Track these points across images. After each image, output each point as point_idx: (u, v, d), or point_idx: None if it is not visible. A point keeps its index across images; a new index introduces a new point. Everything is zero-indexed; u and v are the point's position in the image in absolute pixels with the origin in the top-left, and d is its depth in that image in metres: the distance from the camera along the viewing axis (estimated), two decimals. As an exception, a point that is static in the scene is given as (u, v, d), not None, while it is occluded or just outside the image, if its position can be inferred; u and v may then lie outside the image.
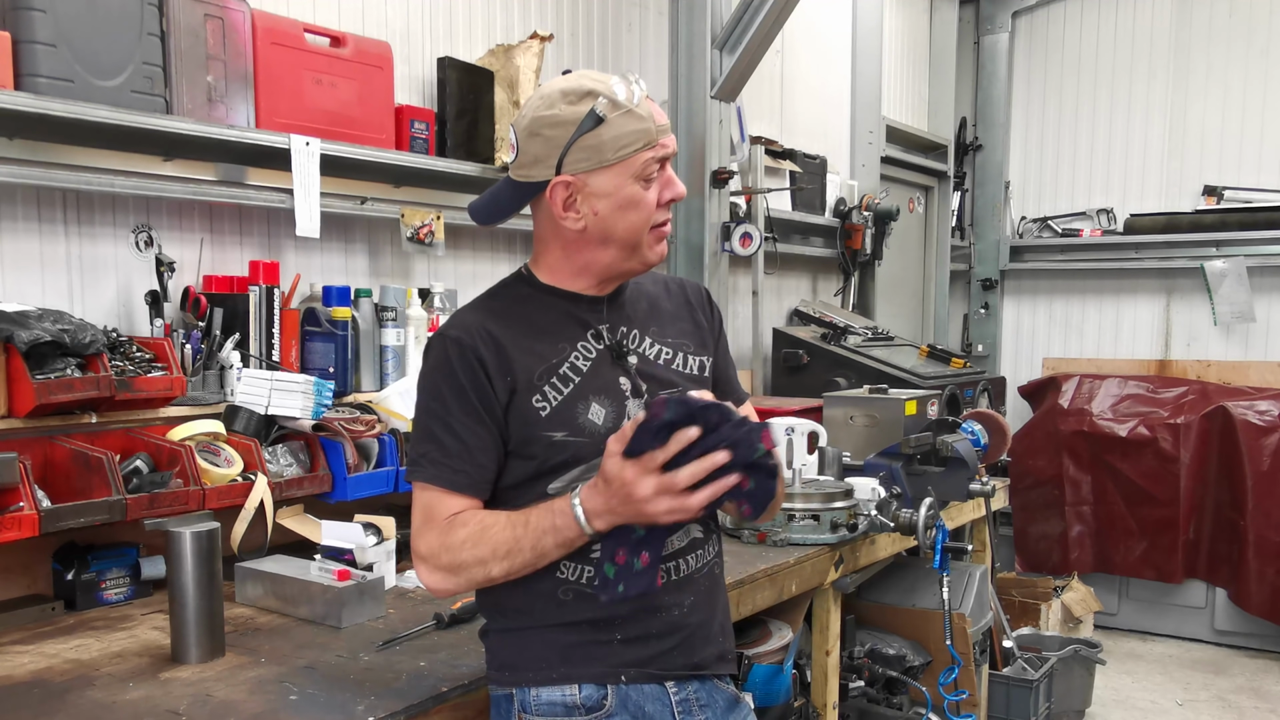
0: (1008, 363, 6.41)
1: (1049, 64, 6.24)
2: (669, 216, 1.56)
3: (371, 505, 2.44)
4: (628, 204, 1.49)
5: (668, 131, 1.51)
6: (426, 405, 1.52)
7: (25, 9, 2.07)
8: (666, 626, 1.54)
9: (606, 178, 1.48)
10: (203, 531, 1.80)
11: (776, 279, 4.68)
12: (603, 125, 1.45)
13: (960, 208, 6.36)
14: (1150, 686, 4.70)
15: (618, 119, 1.45)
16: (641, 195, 1.49)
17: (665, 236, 1.56)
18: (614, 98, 1.45)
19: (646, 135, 1.47)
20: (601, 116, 1.45)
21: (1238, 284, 5.56)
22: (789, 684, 2.49)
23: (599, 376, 1.53)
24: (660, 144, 1.49)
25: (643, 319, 1.62)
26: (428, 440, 1.50)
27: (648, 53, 3.95)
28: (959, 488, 2.89)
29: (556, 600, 1.51)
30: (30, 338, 1.96)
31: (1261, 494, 4.86)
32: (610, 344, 1.56)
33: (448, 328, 1.54)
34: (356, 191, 2.75)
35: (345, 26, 2.78)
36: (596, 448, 1.48)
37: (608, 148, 1.46)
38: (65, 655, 1.83)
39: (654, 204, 1.51)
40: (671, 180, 1.53)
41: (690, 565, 1.57)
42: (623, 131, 1.46)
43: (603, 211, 1.49)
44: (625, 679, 1.52)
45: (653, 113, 1.48)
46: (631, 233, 1.51)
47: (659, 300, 1.67)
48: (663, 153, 1.49)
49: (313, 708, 1.57)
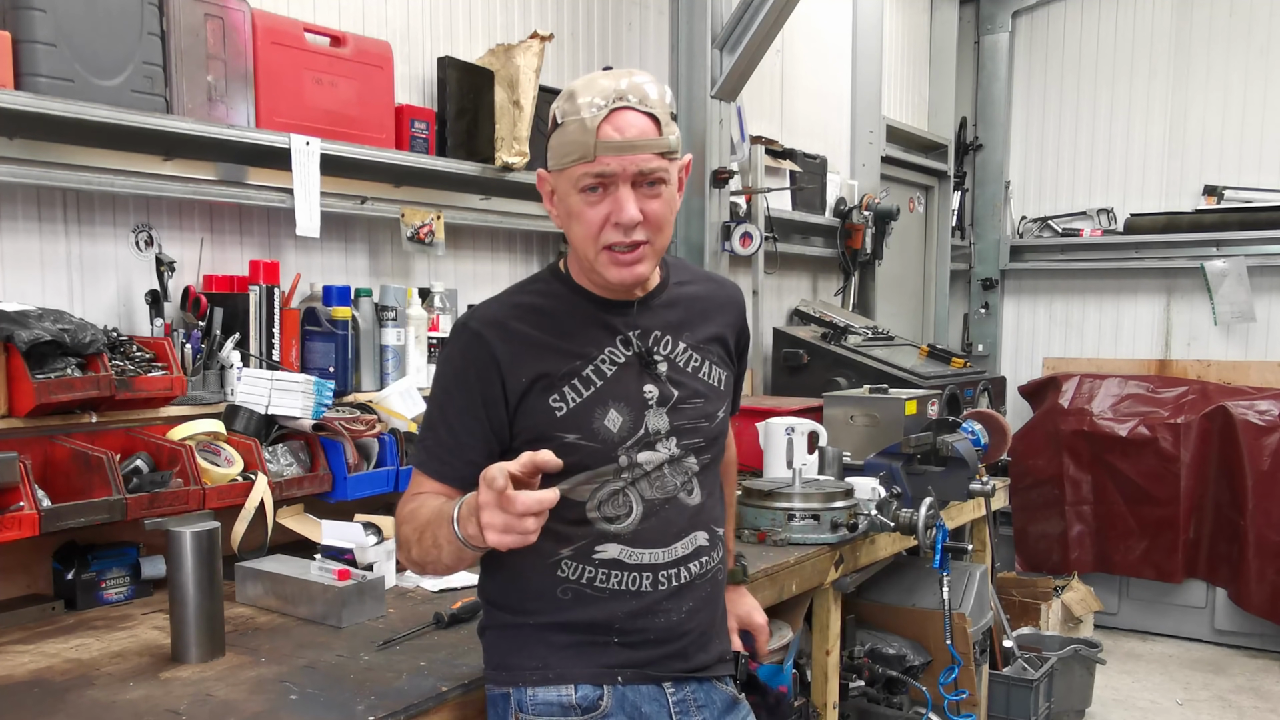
0: (1008, 362, 6.41)
1: (1049, 64, 6.24)
2: (625, 240, 1.43)
3: (371, 505, 2.44)
4: (570, 214, 1.47)
5: (624, 150, 1.40)
6: (434, 392, 1.57)
7: (25, 9, 2.07)
8: (665, 632, 1.54)
9: (561, 181, 1.47)
10: (203, 531, 1.80)
11: (776, 279, 4.68)
12: (560, 129, 1.44)
13: (960, 207, 6.36)
14: (1150, 686, 4.71)
15: (569, 125, 1.42)
16: (581, 209, 1.44)
17: (623, 262, 1.45)
18: (580, 102, 1.41)
19: (581, 149, 1.40)
20: (560, 121, 1.44)
21: (1238, 284, 5.56)
22: (789, 684, 2.49)
23: (622, 383, 1.51)
24: (599, 160, 1.40)
25: (676, 323, 1.59)
26: (428, 429, 1.55)
27: (648, 53, 3.95)
28: (959, 487, 2.89)
29: (555, 599, 1.51)
30: (30, 337, 1.96)
31: (1261, 494, 4.86)
32: (640, 350, 1.54)
33: (471, 318, 1.54)
34: (356, 191, 2.75)
35: (345, 26, 2.78)
36: (607, 454, 1.49)
37: (555, 153, 1.45)
38: (65, 655, 1.83)
39: (597, 222, 1.43)
40: (620, 204, 1.41)
41: (692, 572, 1.56)
42: (565, 140, 1.43)
43: (561, 214, 1.50)
44: (622, 679, 1.52)
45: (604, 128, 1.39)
46: (581, 244, 1.48)
47: (700, 302, 1.64)
48: (599, 169, 1.40)
49: (313, 708, 1.57)
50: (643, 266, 1.48)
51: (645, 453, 1.52)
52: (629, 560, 1.51)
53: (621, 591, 1.51)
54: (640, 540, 1.51)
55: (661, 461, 1.53)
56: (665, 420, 1.54)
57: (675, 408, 1.55)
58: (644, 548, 1.52)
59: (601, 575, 1.50)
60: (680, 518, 1.55)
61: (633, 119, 1.42)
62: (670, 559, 1.53)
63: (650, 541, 1.52)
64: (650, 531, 1.52)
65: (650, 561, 1.52)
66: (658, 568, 1.53)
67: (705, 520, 1.59)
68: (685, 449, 1.56)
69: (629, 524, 1.51)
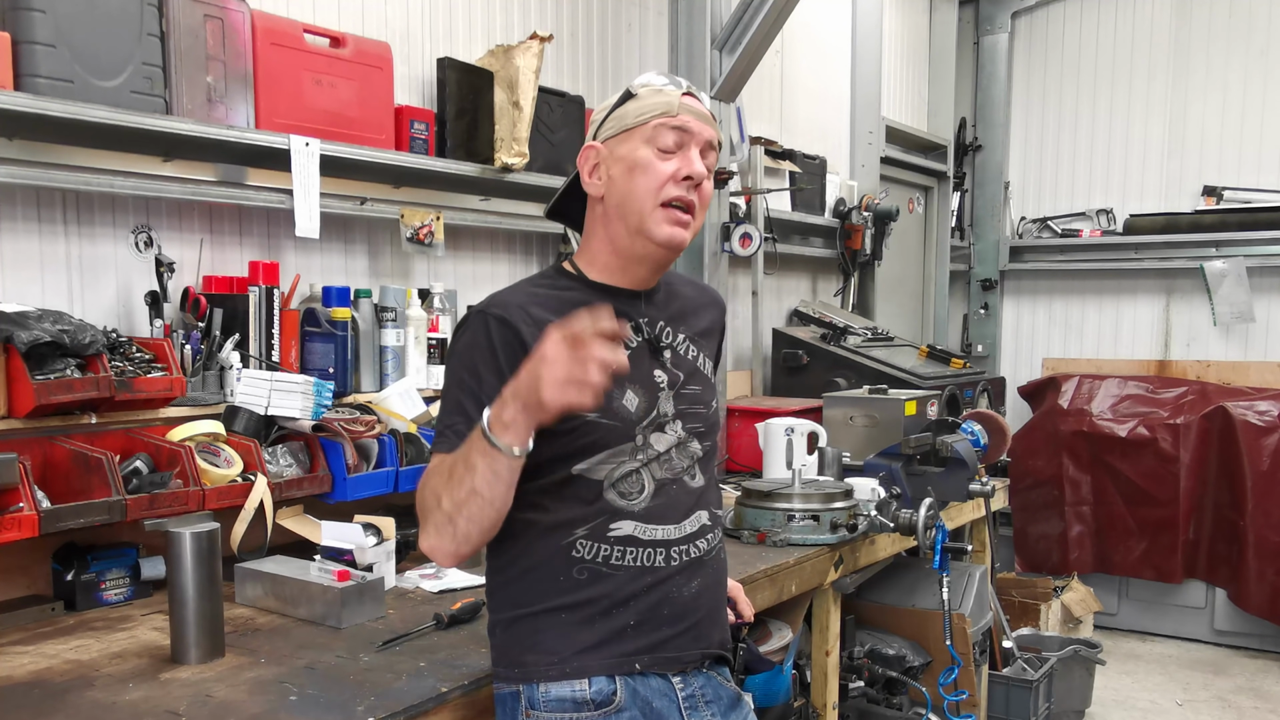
0: (1007, 363, 6.41)
1: (1049, 64, 6.24)
2: (689, 197, 1.54)
3: (371, 505, 2.44)
4: (636, 167, 1.54)
5: (702, 119, 1.56)
6: (460, 379, 1.53)
7: (25, 9, 2.07)
8: (678, 611, 1.57)
9: (625, 143, 1.55)
10: (203, 532, 1.80)
11: (776, 279, 4.68)
12: (632, 100, 1.56)
13: (960, 208, 6.36)
14: (1150, 686, 4.71)
15: (646, 93, 1.56)
16: (651, 160, 1.53)
17: (679, 220, 1.54)
18: (654, 83, 1.57)
19: (666, 106, 1.53)
20: (633, 93, 1.57)
21: (1237, 284, 5.56)
22: (789, 684, 2.49)
23: (638, 367, 1.57)
24: (681, 117, 1.53)
25: (676, 315, 1.68)
26: (456, 413, 1.51)
27: (648, 53, 3.95)
28: (959, 488, 2.90)
29: (572, 580, 1.53)
30: (30, 338, 1.96)
31: (1261, 494, 4.86)
32: (649, 337, 1.62)
33: (488, 305, 1.56)
34: (356, 192, 2.75)
35: (345, 27, 2.78)
36: (626, 433, 1.54)
37: (630, 115, 1.55)
38: (65, 655, 1.83)
39: (664, 174, 1.53)
40: (691, 160, 1.54)
41: (700, 550, 1.61)
42: (646, 104, 1.55)
43: (616, 175, 1.56)
44: (640, 666, 1.54)
45: (686, 102, 1.55)
46: (637, 200, 1.54)
47: (691, 300, 1.74)
48: (680, 124, 1.53)
49: (313, 708, 1.57)
50: (689, 231, 1.57)
51: (656, 434, 1.58)
52: (643, 536, 1.55)
53: (636, 568, 1.54)
54: (652, 517, 1.56)
55: (671, 445, 1.60)
56: (672, 404, 1.62)
57: (680, 393, 1.63)
58: (656, 524, 1.56)
59: (617, 552, 1.54)
60: (687, 497, 1.61)
61: (698, 103, 1.59)
62: (681, 535, 1.58)
63: (661, 518, 1.57)
64: (661, 508, 1.57)
65: (663, 537, 1.57)
66: (670, 544, 1.57)
67: (707, 501, 1.65)
68: (690, 433, 1.62)
69: (641, 501, 1.55)
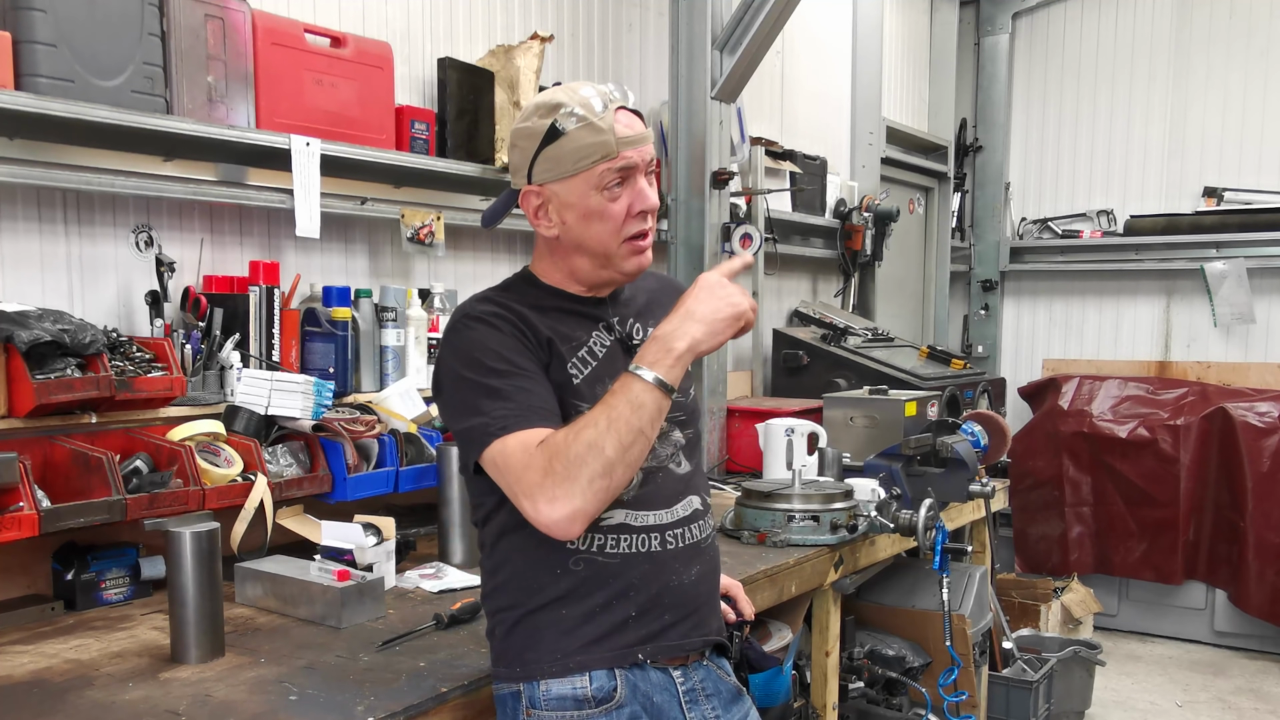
0: (1007, 364, 6.41)
1: (1049, 65, 6.24)
2: (646, 227, 1.54)
3: (371, 505, 2.44)
4: (592, 215, 1.52)
5: (638, 143, 1.50)
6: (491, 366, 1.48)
7: (25, 9, 2.07)
8: (679, 599, 1.58)
9: (570, 188, 1.51)
10: (203, 531, 1.80)
11: (776, 280, 4.68)
12: (563, 138, 1.48)
13: (960, 209, 6.36)
14: (1150, 688, 4.71)
15: (577, 131, 1.48)
16: (605, 206, 1.51)
17: (642, 249, 1.56)
18: (578, 111, 1.47)
19: (604, 148, 1.48)
20: (561, 130, 1.48)
21: (1237, 285, 5.56)
22: (789, 685, 2.48)
23: (613, 364, 1.58)
24: (622, 155, 1.49)
25: (643, 310, 1.69)
26: (495, 398, 1.45)
27: (648, 53, 3.95)
28: (959, 489, 2.89)
29: (569, 573, 1.53)
30: (30, 338, 1.96)
31: (1261, 495, 4.86)
32: (620, 336, 1.63)
33: (473, 308, 1.55)
34: (356, 192, 2.75)
35: (345, 27, 2.78)
36: None
37: (567, 159, 1.49)
38: (65, 655, 1.83)
39: (621, 215, 1.51)
40: (642, 192, 1.52)
41: (695, 535, 1.62)
42: (581, 144, 1.48)
43: (570, 221, 1.54)
44: (643, 657, 1.55)
45: (616, 125, 1.48)
46: (600, 243, 1.54)
47: (655, 293, 1.74)
48: (623, 163, 1.49)
49: (313, 708, 1.57)
50: (651, 251, 1.58)
51: None
52: (635, 523, 1.55)
53: (632, 555, 1.55)
54: (642, 503, 1.57)
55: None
56: None
57: None
58: (647, 509, 1.57)
59: (611, 541, 1.54)
60: (675, 483, 1.62)
61: (631, 116, 1.53)
62: (673, 519, 1.59)
63: (651, 503, 1.57)
64: (650, 495, 1.58)
65: (655, 522, 1.57)
66: (664, 528, 1.58)
67: (695, 487, 1.66)
68: (670, 422, 1.62)
69: (630, 489, 1.55)
